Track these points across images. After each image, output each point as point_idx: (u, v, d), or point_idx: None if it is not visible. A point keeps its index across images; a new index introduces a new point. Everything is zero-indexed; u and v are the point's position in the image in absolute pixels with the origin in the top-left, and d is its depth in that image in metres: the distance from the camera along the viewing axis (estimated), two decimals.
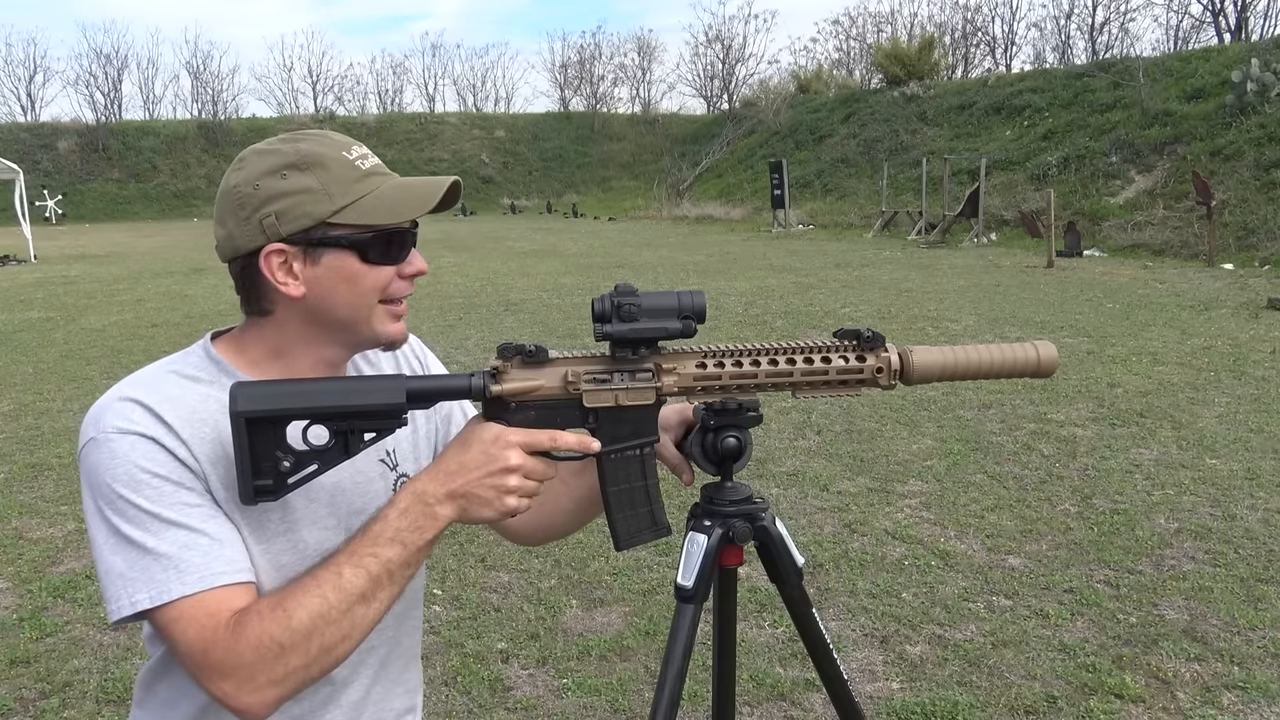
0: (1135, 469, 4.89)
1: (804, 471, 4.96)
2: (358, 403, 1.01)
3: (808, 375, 1.09)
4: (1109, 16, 43.19)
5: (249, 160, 1.05)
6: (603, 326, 1.04)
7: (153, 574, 0.95)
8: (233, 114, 48.70)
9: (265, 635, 0.95)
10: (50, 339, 9.66)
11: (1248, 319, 9.24)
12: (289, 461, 0.98)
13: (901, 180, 23.76)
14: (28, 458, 5.44)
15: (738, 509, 1.17)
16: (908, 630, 3.26)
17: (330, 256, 1.04)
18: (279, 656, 0.95)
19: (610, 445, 1.08)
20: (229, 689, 0.95)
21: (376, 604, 0.99)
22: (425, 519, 1.00)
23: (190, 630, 0.95)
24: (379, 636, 1.16)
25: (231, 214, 1.04)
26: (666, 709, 1.13)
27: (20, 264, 18.68)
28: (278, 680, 0.95)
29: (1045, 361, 1.13)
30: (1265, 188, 15.62)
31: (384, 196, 1.05)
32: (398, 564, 0.99)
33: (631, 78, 54.50)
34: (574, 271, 15.16)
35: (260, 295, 1.06)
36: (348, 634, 0.98)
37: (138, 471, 0.97)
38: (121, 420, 0.98)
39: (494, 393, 1.04)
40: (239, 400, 0.97)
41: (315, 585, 0.98)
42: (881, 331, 1.11)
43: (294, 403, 0.99)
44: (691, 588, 1.14)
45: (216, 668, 0.95)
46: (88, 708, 2.88)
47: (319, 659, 0.97)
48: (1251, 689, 2.86)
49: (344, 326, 1.08)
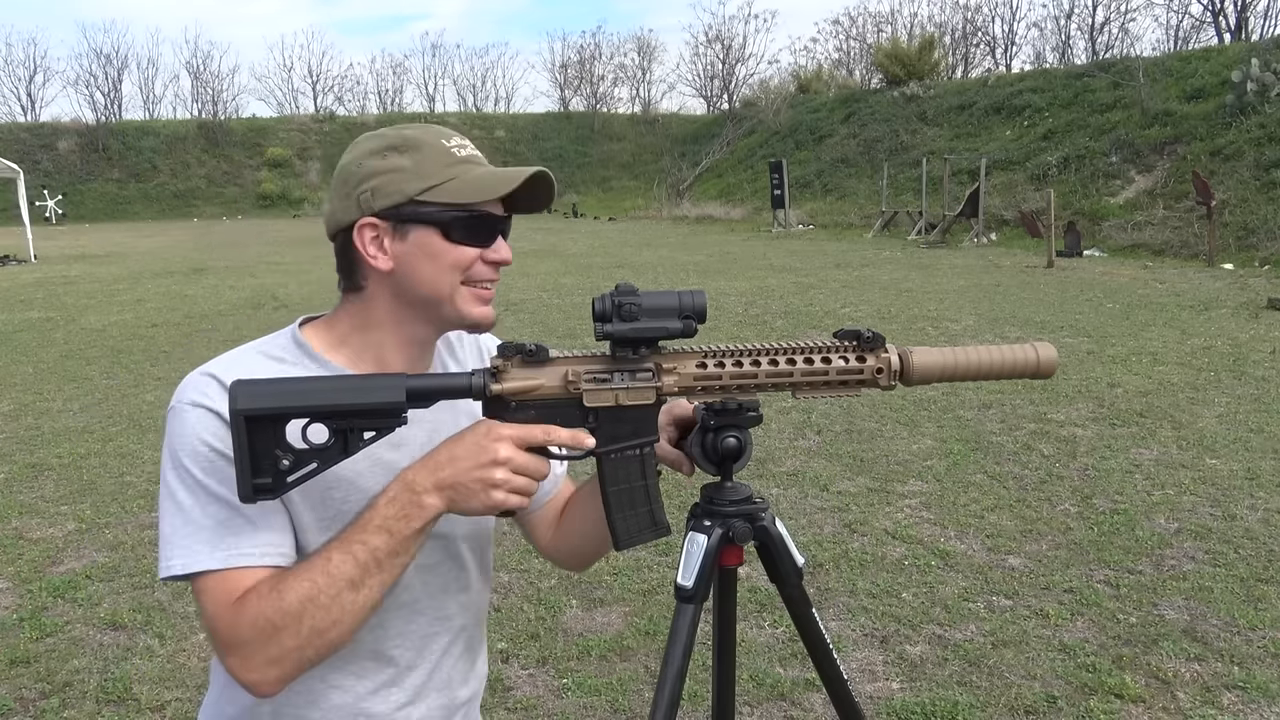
0: (1135, 469, 4.89)
1: (804, 471, 4.97)
2: (357, 401, 1.01)
3: (808, 375, 1.09)
4: (1109, 16, 43.25)
5: (360, 143, 1.13)
6: (603, 326, 1.04)
7: (189, 543, 1.01)
8: (233, 114, 48.69)
9: (260, 615, 0.98)
10: (50, 339, 9.66)
11: (1248, 319, 9.24)
12: (288, 460, 0.99)
13: (901, 180, 23.75)
14: (28, 458, 5.44)
15: (738, 509, 1.16)
16: (908, 630, 3.26)
17: (417, 233, 1.08)
18: (272, 636, 0.98)
19: (610, 445, 1.08)
20: (234, 664, 1.00)
21: (366, 591, 1.00)
22: (412, 508, 1.01)
23: (210, 605, 1.00)
24: (443, 624, 1.20)
25: (337, 190, 1.12)
26: (666, 709, 1.13)
27: (20, 264, 18.68)
28: (274, 659, 0.99)
29: (1045, 363, 1.13)
30: (1265, 188, 15.62)
31: (471, 180, 1.09)
32: (385, 552, 1.00)
33: (631, 78, 54.49)
34: (574, 271, 15.17)
35: (355, 270, 1.12)
36: (338, 619, 0.99)
37: (199, 444, 1.02)
38: (196, 394, 1.04)
39: (494, 391, 1.04)
40: (239, 399, 0.97)
41: (306, 570, 1.00)
42: (881, 332, 1.11)
43: (293, 401, 0.99)
44: (691, 588, 1.14)
45: (223, 643, 1.00)
46: (88, 708, 2.89)
47: (312, 641, 0.99)
48: (1251, 689, 2.86)
49: (427, 303, 1.11)
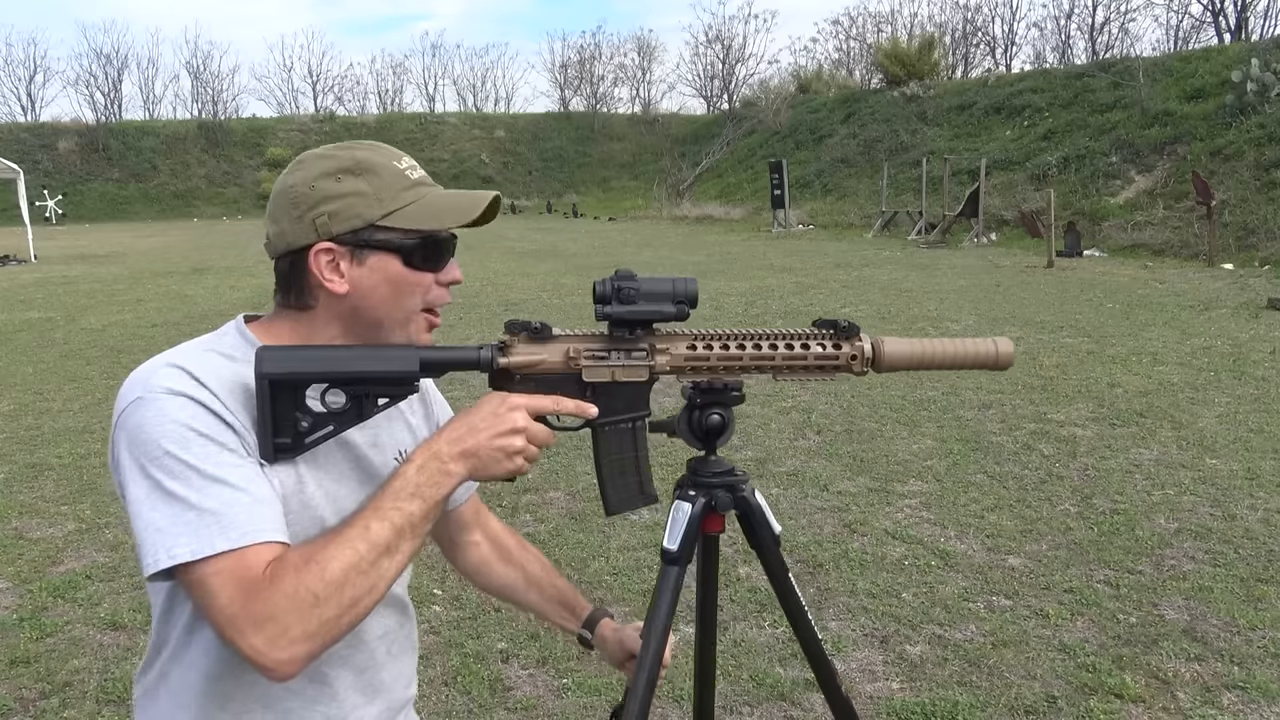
0: (1135, 469, 4.89)
1: (804, 471, 4.97)
2: (374, 369, 1.08)
3: (788, 360, 1.18)
4: (1109, 16, 43.23)
5: (307, 163, 1.12)
6: (603, 308, 1.12)
7: (196, 529, 0.97)
8: (233, 114, 48.80)
9: (301, 586, 0.96)
10: (50, 339, 9.66)
11: (1248, 319, 9.24)
12: (307, 422, 1.06)
13: (901, 180, 23.75)
14: (28, 458, 5.44)
15: (720, 480, 1.28)
16: (908, 630, 3.26)
17: (375, 258, 1.10)
18: (314, 607, 0.96)
19: (605, 418, 1.16)
20: (260, 643, 0.95)
21: (399, 556, 1.03)
22: (440, 475, 1.05)
23: (229, 584, 0.96)
24: (385, 623, 1.22)
25: (286, 212, 1.10)
26: (652, 662, 1.26)
27: (20, 264, 18.68)
28: (312, 633, 0.96)
29: (1003, 355, 1.23)
30: (1265, 188, 15.62)
31: (429, 204, 1.12)
32: (419, 517, 1.04)
33: (631, 78, 54.60)
34: (574, 272, 15.16)
35: (304, 290, 1.12)
36: (374, 584, 1.01)
37: (186, 430, 1.00)
38: (170, 381, 1.02)
39: (501, 365, 1.12)
40: (265, 363, 1.04)
41: (345, 539, 1.00)
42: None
43: (315, 367, 1.06)
44: (676, 550, 1.25)
45: (252, 620, 0.95)
46: (88, 708, 2.88)
47: (349, 610, 0.99)
48: (1251, 689, 2.86)
49: (379, 326, 1.13)
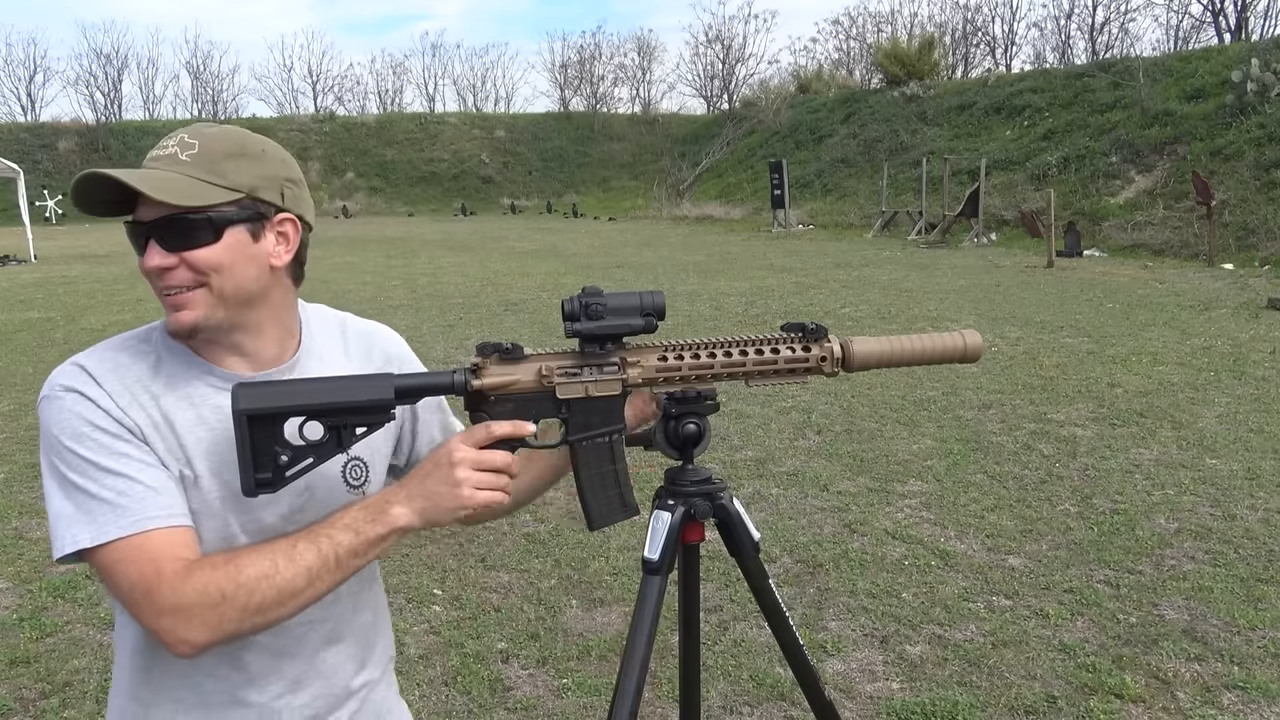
0: (1135, 469, 4.89)
1: (804, 471, 4.97)
2: (349, 399, 1.09)
3: (759, 365, 1.19)
4: (1109, 16, 43.20)
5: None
6: (572, 325, 1.15)
7: (94, 516, 1.05)
8: (233, 114, 48.71)
9: (211, 582, 1.03)
10: (50, 339, 9.66)
11: (1248, 319, 9.24)
12: (287, 455, 1.07)
13: (901, 180, 23.74)
14: (28, 458, 5.44)
15: (698, 489, 1.28)
16: (908, 630, 3.26)
17: None
18: (217, 605, 1.03)
19: (582, 433, 1.18)
20: (167, 624, 1.04)
21: (319, 585, 1.07)
22: (379, 513, 1.08)
23: (132, 571, 1.04)
24: (322, 611, 1.22)
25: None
26: (639, 670, 1.26)
27: (20, 264, 18.67)
28: (212, 627, 1.03)
29: (971, 348, 1.25)
30: (1265, 188, 15.61)
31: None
32: (346, 550, 1.07)
33: (631, 78, 54.47)
34: (574, 271, 15.16)
35: None
36: (284, 600, 1.05)
37: (80, 424, 1.07)
38: (66, 379, 1.10)
39: (474, 387, 1.13)
40: (240, 399, 1.04)
41: (269, 551, 1.06)
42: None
43: (290, 400, 1.07)
44: (657, 560, 1.25)
45: (159, 605, 1.03)
46: (88, 708, 2.89)
47: (252, 617, 1.05)
48: (1251, 689, 2.86)
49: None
